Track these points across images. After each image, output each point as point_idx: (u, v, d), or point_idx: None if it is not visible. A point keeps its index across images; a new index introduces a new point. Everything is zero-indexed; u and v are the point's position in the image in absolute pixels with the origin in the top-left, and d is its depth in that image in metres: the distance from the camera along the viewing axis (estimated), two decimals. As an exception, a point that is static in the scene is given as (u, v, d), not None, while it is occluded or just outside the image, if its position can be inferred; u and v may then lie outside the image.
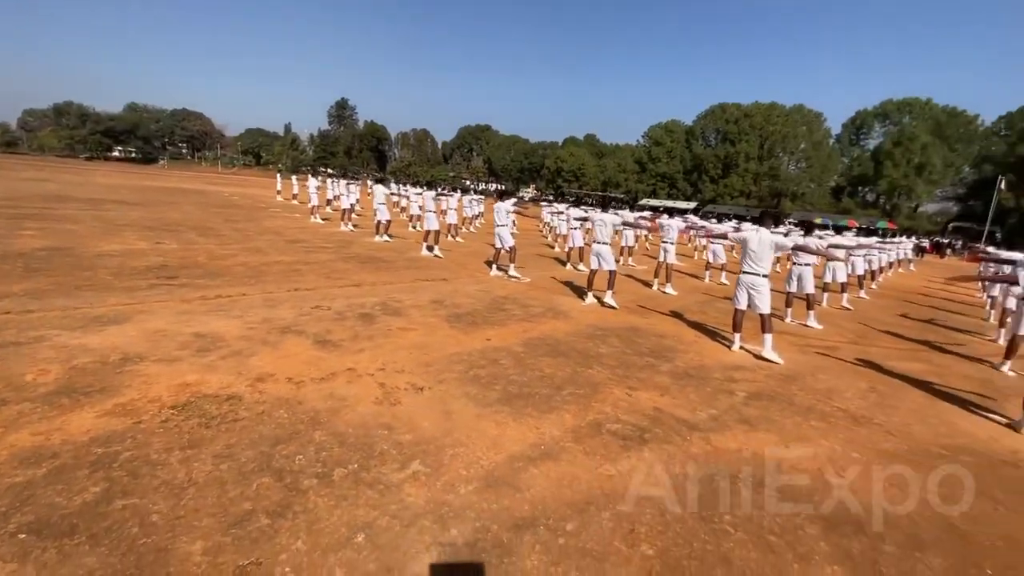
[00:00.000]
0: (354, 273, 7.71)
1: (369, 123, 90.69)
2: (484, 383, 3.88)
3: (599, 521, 2.36)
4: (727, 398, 4.10)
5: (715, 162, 59.35)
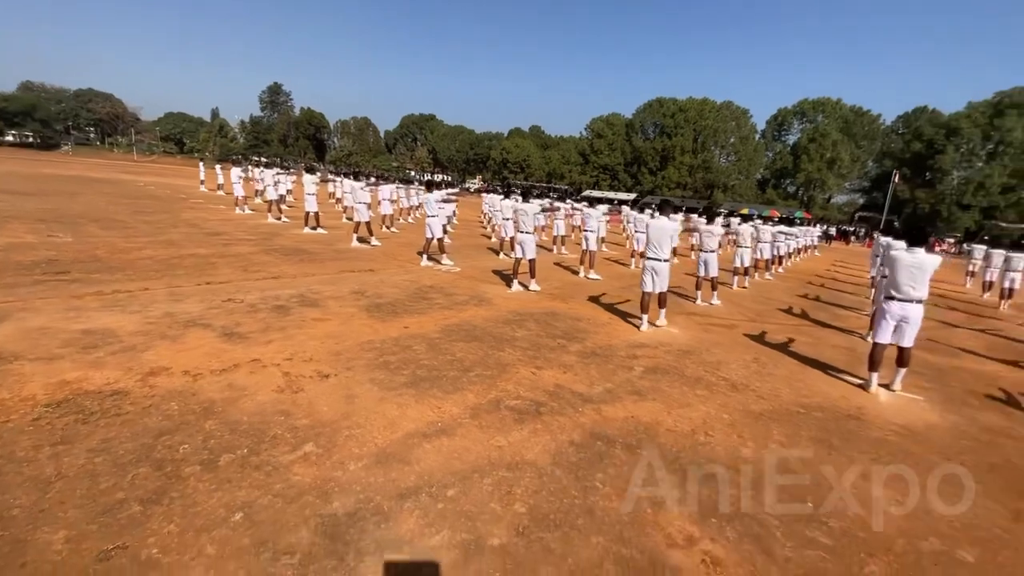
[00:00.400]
0: (275, 265, 7.48)
1: (306, 110, 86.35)
2: (393, 368, 3.97)
3: (480, 486, 2.55)
4: (625, 373, 4.44)
5: (653, 155, 61.81)
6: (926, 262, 4.27)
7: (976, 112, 46.17)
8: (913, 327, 4.31)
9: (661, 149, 61.24)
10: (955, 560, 2.36)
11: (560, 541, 2.21)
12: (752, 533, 2.40)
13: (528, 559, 2.08)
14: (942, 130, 47.20)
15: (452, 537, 2.16)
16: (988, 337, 7.80)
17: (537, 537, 2.22)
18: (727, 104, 61.05)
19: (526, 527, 2.28)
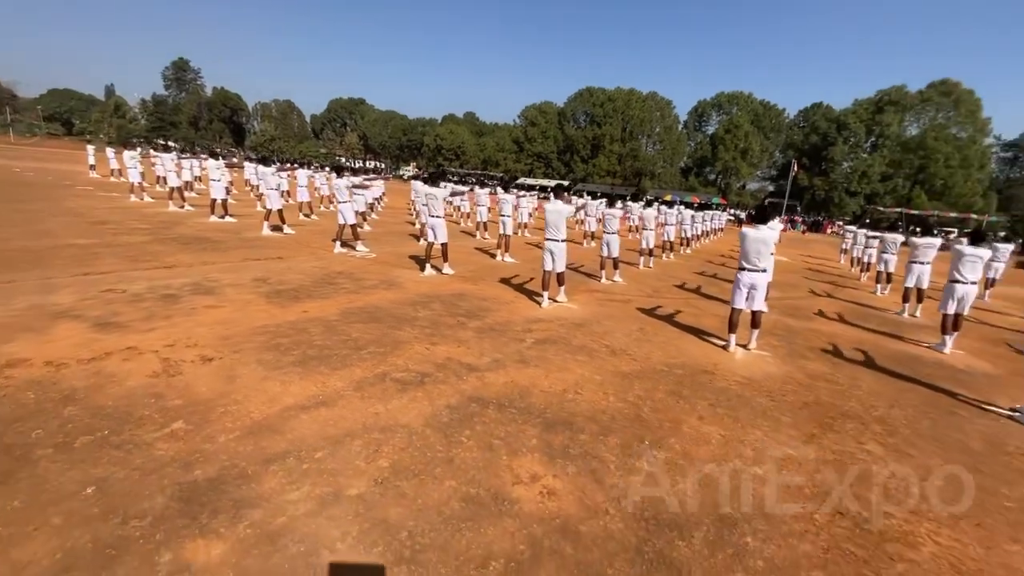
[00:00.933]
0: (169, 255, 7.09)
1: (219, 90, 79.60)
2: (283, 350, 4.02)
3: (350, 448, 2.74)
4: (516, 345, 4.78)
5: (584, 143, 63.48)
6: (768, 237, 4.96)
7: (861, 108, 51.78)
8: (760, 292, 5.00)
9: (592, 138, 63.05)
10: (751, 475, 2.89)
11: (415, 487, 2.46)
12: (590, 468, 2.79)
13: (380, 503, 2.31)
14: (834, 124, 52.50)
15: (311, 491, 2.34)
16: (844, 303, 9.05)
17: (394, 485, 2.46)
18: (652, 95, 63.83)
19: (386, 478, 2.51)
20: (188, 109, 74.29)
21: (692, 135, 66.92)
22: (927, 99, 50.13)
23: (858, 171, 50.61)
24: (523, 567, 2.01)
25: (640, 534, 2.28)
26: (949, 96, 49.20)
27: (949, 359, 5.85)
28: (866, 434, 3.58)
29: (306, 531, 2.08)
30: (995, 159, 55.79)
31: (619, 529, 2.30)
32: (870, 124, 51.00)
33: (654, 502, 2.53)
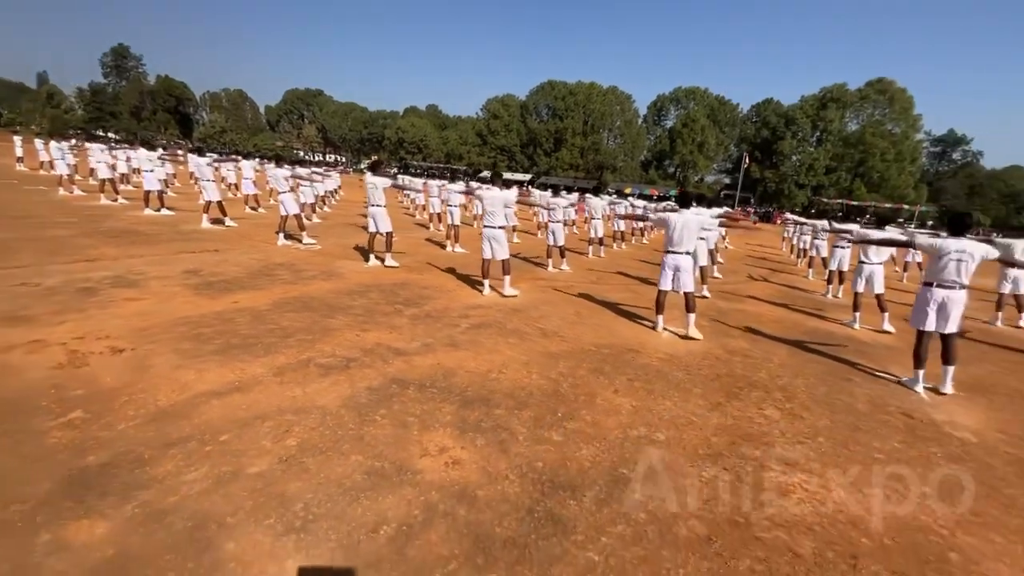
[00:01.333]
0: (93, 248, 6.75)
1: (163, 78, 75.24)
2: (204, 339, 3.95)
3: (258, 429, 2.75)
4: (450, 330, 4.86)
5: (547, 136, 63.81)
6: (691, 221, 5.21)
7: (807, 104, 54.28)
8: (687, 275, 5.26)
9: (554, 131, 63.45)
10: (651, 440, 3.08)
11: (319, 462, 2.50)
12: (499, 440, 2.91)
13: (280, 479, 2.35)
14: (783, 119, 54.87)
15: (210, 471, 2.35)
16: (777, 287, 9.59)
17: (298, 462, 2.49)
18: (612, 89, 64.75)
19: (291, 456, 2.54)
20: (129, 98, 69.90)
21: (652, 129, 68.37)
22: (865, 96, 53.08)
23: (805, 164, 53.19)
24: (414, 530, 2.10)
25: (534, 496, 2.41)
26: (884, 94, 52.28)
27: (858, 334, 6.34)
28: (767, 401, 3.87)
29: (197, 508, 2.10)
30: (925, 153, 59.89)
31: (515, 492, 2.43)
32: (815, 119, 53.59)
33: (554, 468, 2.67)
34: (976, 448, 3.40)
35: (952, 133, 61.51)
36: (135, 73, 73.60)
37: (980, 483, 2.93)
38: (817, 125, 53.95)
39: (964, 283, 4.19)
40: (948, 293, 4.23)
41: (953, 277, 4.19)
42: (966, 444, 3.45)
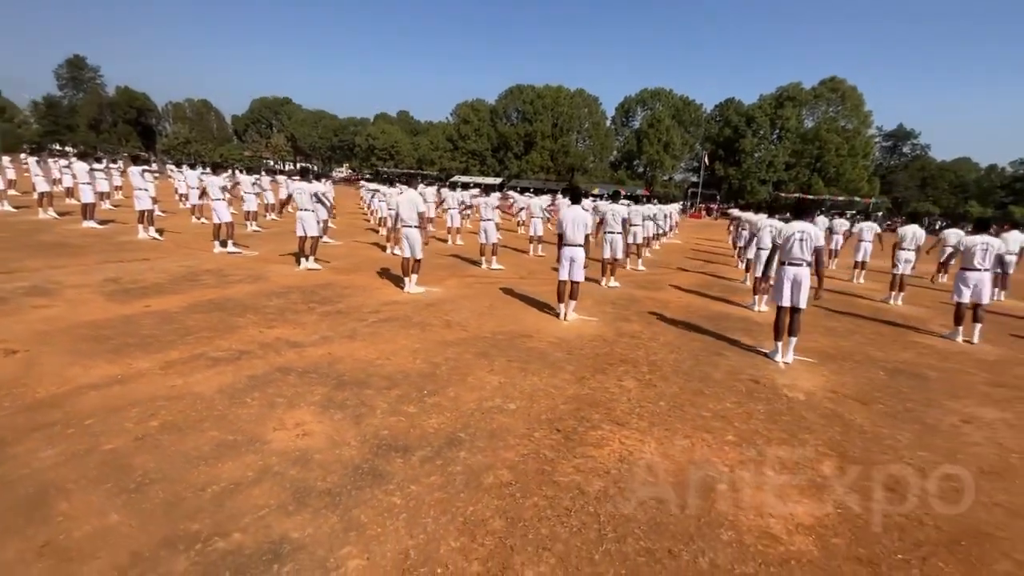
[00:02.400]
0: (16, 261, 6.80)
1: (123, 89, 73.32)
2: (102, 340, 4.15)
3: (125, 414, 2.99)
4: (355, 324, 5.14)
5: (517, 139, 64.39)
6: (579, 216, 5.63)
7: (765, 103, 56.18)
8: (578, 264, 5.65)
9: (524, 134, 64.09)
10: (502, 409, 3.43)
11: (174, 439, 2.77)
12: (357, 415, 3.21)
13: (130, 453, 2.60)
14: (743, 118, 56.68)
15: (65, 449, 2.59)
16: (703, 276, 10.14)
17: (154, 439, 2.75)
18: (579, 92, 65.80)
19: (149, 435, 2.80)
20: (87, 111, 67.90)
21: (620, 130, 69.60)
22: (819, 95, 55.26)
23: (765, 161, 55.02)
24: (240, 487, 2.39)
25: (367, 457, 2.72)
26: (837, 92, 54.54)
27: (755, 316, 6.85)
28: (631, 374, 4.26)
29: (43, 478, 2.35)
30: (878, 148, 62.63)
31: (351, 455, 2.73)
32: (773, 118, 55.51)
33: (397, 435, 2.99)
34: (799, 404, 3.86)
35: (902, 128, 64.40)
36: (93, 85, 71.54)
37: (784, 431, 3.37)
38: (775, 123, 55.88)
39: (808, 259, 4.68)
40: (797, 270, 4.71)
41: (798, 255, 4.68)
42: (792, 401, 3.90)
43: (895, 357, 5.35)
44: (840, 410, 3.80)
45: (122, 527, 2.07)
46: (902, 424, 3.63)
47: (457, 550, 2.07)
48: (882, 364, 5.07)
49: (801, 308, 4.77)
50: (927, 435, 3.48)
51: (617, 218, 7.94)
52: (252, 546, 2.01)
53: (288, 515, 2.21)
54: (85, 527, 2.05)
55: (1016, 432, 3.64)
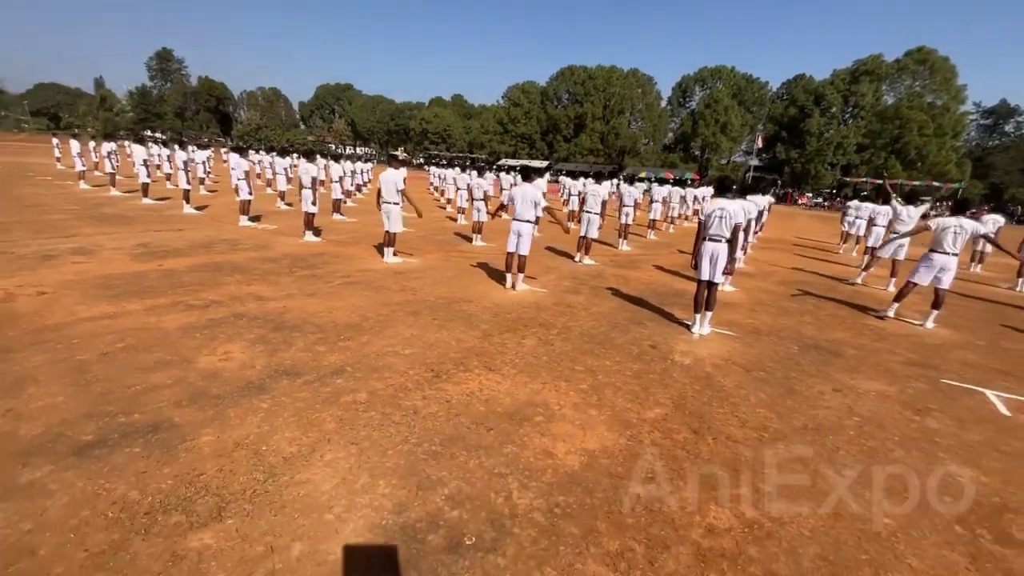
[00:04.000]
0: (74, 228, 8.22)
1: (204, 79, 79.90)
2: (111, 288, 5.17)
3: (102, 338, 3.88)
4: (322, 285, 5.91)
5: (567, 122, 63.66)
6: (529, 193, 6.02)
7: (838, 79, 51.64)
8: (526, 239, 6.09)
9: (574, 117, 63.23)
10: (397, 353, 4.02)
11: (129, 355, 3.61)
12: (273, 349, 3.93)
13: (95, 362, 3.47)
14: (811, 96, 52.49)
15: (50, 357, 3.50)
16: (696, 259, 10.08)
17: (114, 355, 3.61)
18: (633, 72, 63.70)
19: (112, 352, 3.66)
20: (173, 100, 74.78)
21: (676, 111, 66.77)
22: (903, 68, 49.97)
23: (833, 142, 50.83)
24: (157, 389, 3.16)
25: (262, 377, 3.42)
26: (924, 64, 49.05)
27: (715, 294, 6.93)
28: (537, 335, 4.70)
29: (25, 373, 3.24)
30: (974, 126, 55.84)
31: (250, 375, 3.45)
32: (846, 94, 50.99)
33: (296, 364, 3.67)
34: (678, 367, 4.15)
35: (1004, 104, 56.84)
36: (178, 75, 78.45)
37: (640, 385, 3.71)
38: (848, 100, 51.32)
39: (727, 236, 4.85)
40: (715, 246, 4.90)
41: (715, 232, 4.86)
42: (674, 365, 4.20)
43: (826, 335, 5.37)
44: (715, 374, 4.06)
45: (63, 404, 2.89)
46: (766, 388, 3.85)
47: (286, 439, 2.71)
48: (804, 340, 5.14)
49: (717, 283, 4.96)
50: (782, 398, 3.70)
51: (597, 200, 8.21)
52: (142, 423, 2.76)
53: (179, 407, 2.95)
54: (39, 402, 2.90)
55: (879, 402, 3.75)
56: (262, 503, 2.20)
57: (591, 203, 8.21)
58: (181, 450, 2.54)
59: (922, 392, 3.99)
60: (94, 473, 2.32)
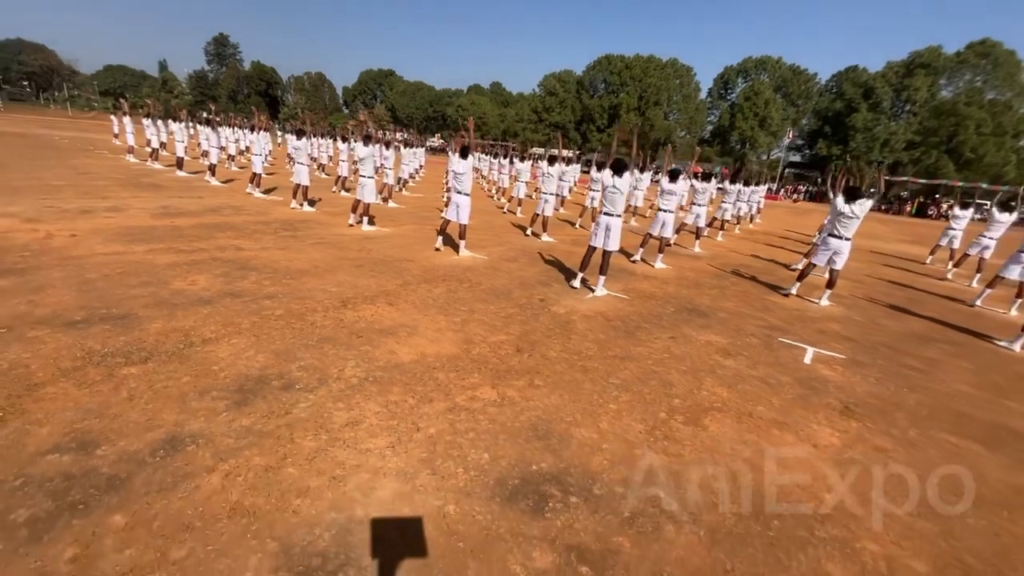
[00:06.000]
0: (113, 192, 9.78)
1: (256, 64, 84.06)
2: (128, 235, 6.50)
3: (108, 267, 5.15)
4: (295, 243, 7.07)
5: (601, 112, 63.27)
6: (458, 167, 6.94)
7: (890, 72, 48.99)
8: (464, 209, 7.04)
9: (608, 107, 62.76)
10: (326, 290, 5.09)
11: (123, 278, 4.83)
12: (231, 280, 5.07)
13: (96, 280, 4.70)
14: (860, 89, 50.03)
15: (66, 274, 4.76)
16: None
17: (112, 277, 4.84)
18: (672, 62, 62.40)
19: (111, 275, 4.89)
20: (227, 83, 79.17)
21: (717, 103, 65.05)
22: (964, 60, 46.83)
23: (880, 139, 48.38)
24: (135, 298, 4.35)
25: (213, 297, 4.55)
26: (987, 57, 45.76)
27: (640, 267, 7.67)
28: (448, 286, 5.66)
29: (45, 283, 4.50)
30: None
31: (205, 295, 4.58)
32: (899, 88, 48.36)
33: (245, 292, 4.80)
34: (549, 316, 5.02)
35: (1080, 101, 52.08)
36: (233, 60, 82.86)
37: (502, 323, 4.62)
38: (901, 95, 48.63)
39: (619, 212, 5.64)
40: (609, 220, 5.70)
41: (609, 208, 5.65)
42: (547, 314, 5.07)
43: (713, 304, 6.06)
44: (576, 321, 4.91)
45: (67, 300, 4.11)
46: (610, 332, 4.67)
47: (210, 329, 3.82)
48: (686, 306, 5.86)
49: (610, 251, 5.76)
50: (618, 339, 4.52)
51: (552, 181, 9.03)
52: (116, 314, 3.94)
53: (145, 308, 4.13)
54: (51, 298, 4.13)
55: (699, 347, 4.50)
56: (175, 358, 3.30)
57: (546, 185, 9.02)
58: (136, 329, 3.69)
59: (748, 344, 4.71)
60: (75, 335, 3.49)
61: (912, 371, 4.45)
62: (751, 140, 57.13)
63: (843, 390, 3.88)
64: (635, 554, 2.04)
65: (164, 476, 2.20)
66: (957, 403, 3.87)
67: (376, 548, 1.92)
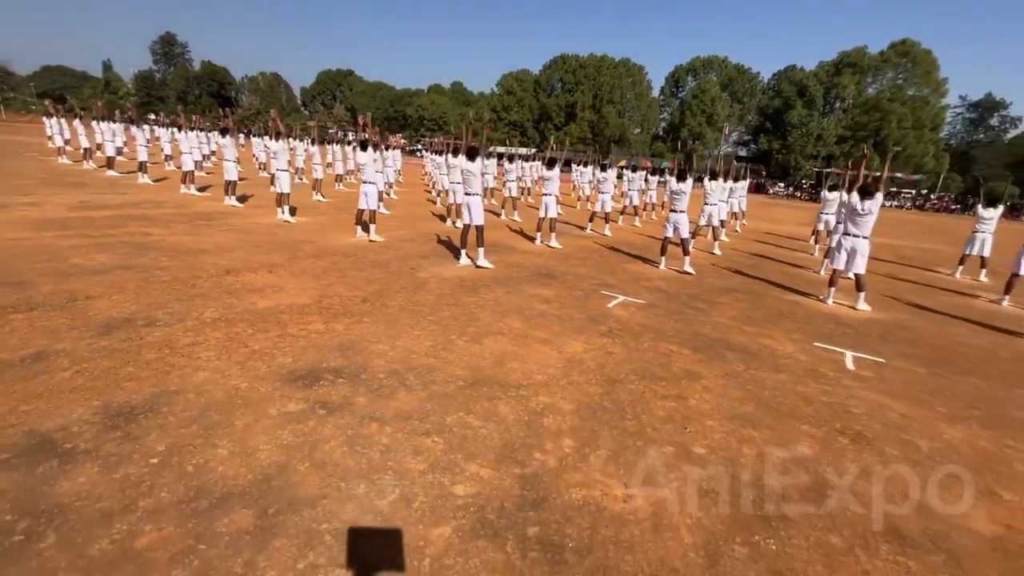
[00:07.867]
0: (33, 189, 10.15)
1: (207, 63, 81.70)
2: (43, 224, 7.04)
3: (18, 250, 5.78)
4: (207, 229, 7.76)
5: (558, 111, 64.72)
6: (361, 155, 7.81)
7: (821, 71, 52.29)
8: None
9: (565, 105, 64.28)
10: (217, 264, 5.87)
11: (17, 260, 5.48)
12: (131, 256, 5.78)
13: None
14: (795, 87, 53.18)
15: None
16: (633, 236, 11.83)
17: (6, 259, 5.49)
18: (624, 61, 64.45)
19: (11, 257, 5.53)
20: (176, 84, 76.73)
21: (668, 101, 67.53)
22: (886, 60, 50.46)
23: (813, 134, 51.61)
24: (33, 271, 5.03)
25: (108, 267, 5.27)
26: (907, 57, 49.51)
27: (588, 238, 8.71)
28: (332, 261, 6.51)
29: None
30: (959, 120, 56.24)
31: (99, 267, 5.29)
32: (829, 86, 51.64)
33: (138, 265, 5.52)
34: (410, 278, 5.94)
35: (989, 97, 57.02)
36: (181, 60, 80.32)
37: (365, 283, 5.52)
38: (831, 92, 51.95)
39: (476, 191, 6.63)
40: (469, 199, 6.68)
41: (468, 189, 6.64)
42: (414, 277, 5.99)
43: (571, 270, 7.13)
44: (433, 283, 5.85)
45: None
46: (456, 290, 5.64)
47: (98, 291, 4.56)
48: (542, 272, 6.90)
49: (477, 225, 6.73)
50: (457, 293, 5.48)
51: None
52: (14, 281, 4.62)
53: (40, 276, 4.81)
54: None
55: (523, 299, 5.53)
56: (58, 309, 4.05)
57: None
58: (28, 290, 4.41)
59: (571, 296, 5.77)
60: (-28, 295, 4.20)
61: (693, 310, 5.60)
62: (700, 135, 59.72)
63: (620, 322, 4.96)
64: (366, 404, 2.99)
65: (27, 372, 3.01)
66: (704, 328, 5.00)
67: (178, 410, 2.80)
